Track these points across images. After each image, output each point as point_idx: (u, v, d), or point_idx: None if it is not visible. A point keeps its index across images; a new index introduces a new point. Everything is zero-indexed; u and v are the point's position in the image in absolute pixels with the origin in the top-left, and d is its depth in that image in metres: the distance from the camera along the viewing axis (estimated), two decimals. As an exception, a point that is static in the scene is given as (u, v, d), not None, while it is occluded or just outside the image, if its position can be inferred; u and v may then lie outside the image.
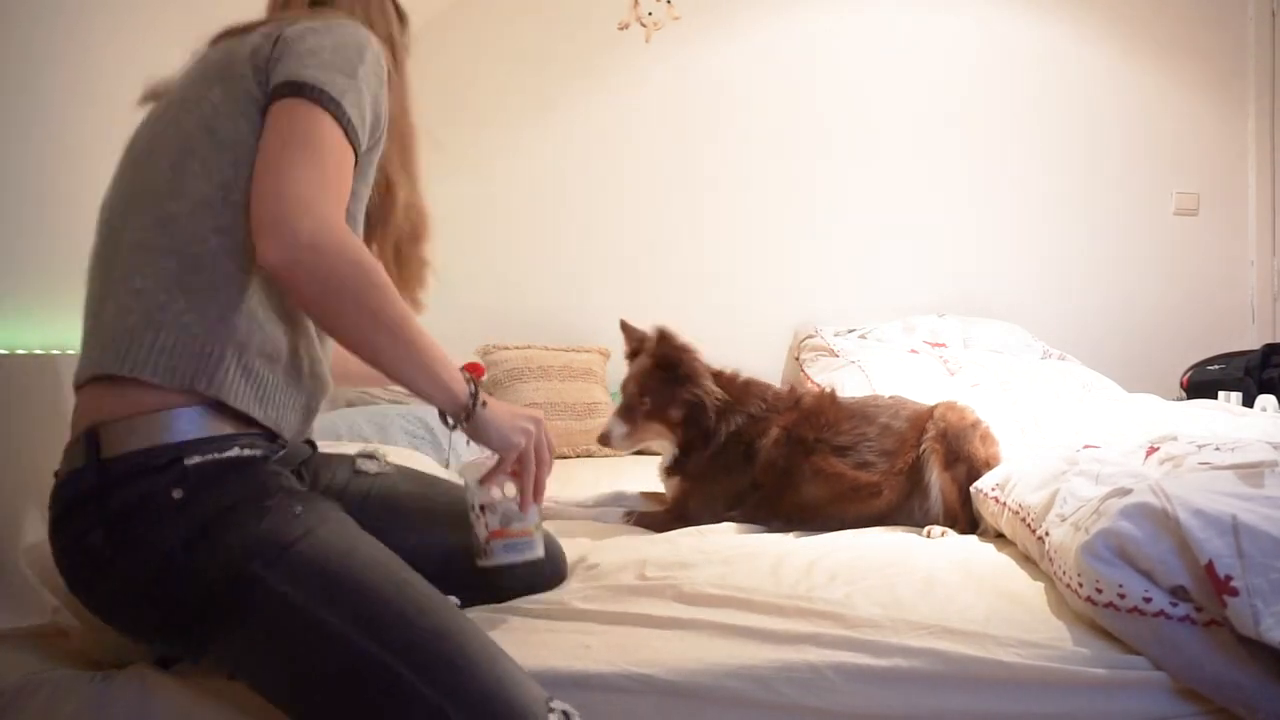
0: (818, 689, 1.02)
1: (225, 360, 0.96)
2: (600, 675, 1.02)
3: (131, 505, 0.92)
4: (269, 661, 0.93)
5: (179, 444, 0.94)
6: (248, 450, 0.98)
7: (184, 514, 0.92)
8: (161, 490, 0.92)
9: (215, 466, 0.95)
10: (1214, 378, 3.07)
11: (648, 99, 3.35)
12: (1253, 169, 3.51)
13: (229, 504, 0.94)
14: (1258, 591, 1.00)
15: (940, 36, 3.46)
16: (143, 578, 0.93)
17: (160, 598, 0.93)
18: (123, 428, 0.94)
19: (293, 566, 0.92)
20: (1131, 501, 1.13)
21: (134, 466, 0.93)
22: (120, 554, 0.92)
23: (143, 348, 0.94)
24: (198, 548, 0.92)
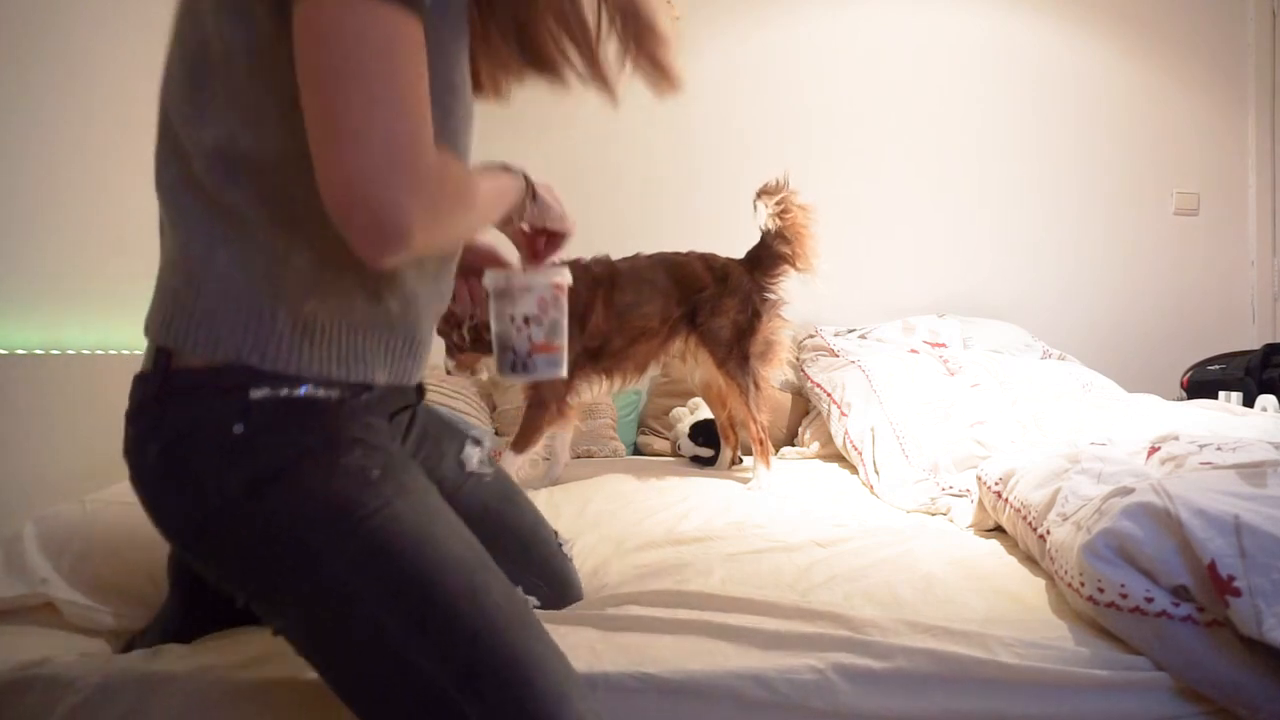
0: (820, 690, 1.02)
1: (278, 323, 0.83)
2: (606, 676, 1.03)
3: (187, 428, 0.83)
4: (310, 644, 0.85)
5: (246, 368, 0.82)
6: (322, 391, 0.85)
7: (242, 454, 0.81)
8: (221, 420, 0.82)
9: (283, 406, 0.83)
10: (1214, 378, 3.07)
11: (647, 99, 3.34)
12: (1253, 169, 3.51)
13: (295, 453, 0.83)
14: (1260, 592, 1.00)
15: (940, 37, 3.46)
16: (189, 511, 0.84)
17: (205, 536, 0.84)
18: (215, 331, 0.83)
19: (357, 547, 0.81)
20: (1133, 501, 1.13)
21: (195, 383, 0.83)
22: (171, 479, 0.84)
23: (184, 313, 0.84)
24: (252, 498, 0.81)
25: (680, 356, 2.26)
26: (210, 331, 0.83)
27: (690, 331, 2.20)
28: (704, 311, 2.18)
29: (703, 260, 2.27)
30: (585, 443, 2.84)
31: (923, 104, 3.44)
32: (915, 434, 2.16)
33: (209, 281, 0.83)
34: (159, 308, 0.87)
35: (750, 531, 1.67)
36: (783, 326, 2.29)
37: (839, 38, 3.43)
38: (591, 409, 2.94)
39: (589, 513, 1.84)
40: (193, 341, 0.83)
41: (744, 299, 2.21)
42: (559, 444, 2.27)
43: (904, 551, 1.51)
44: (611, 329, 2.11)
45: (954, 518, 1.81)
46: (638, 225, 3.24)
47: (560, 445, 2.27)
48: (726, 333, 2.18)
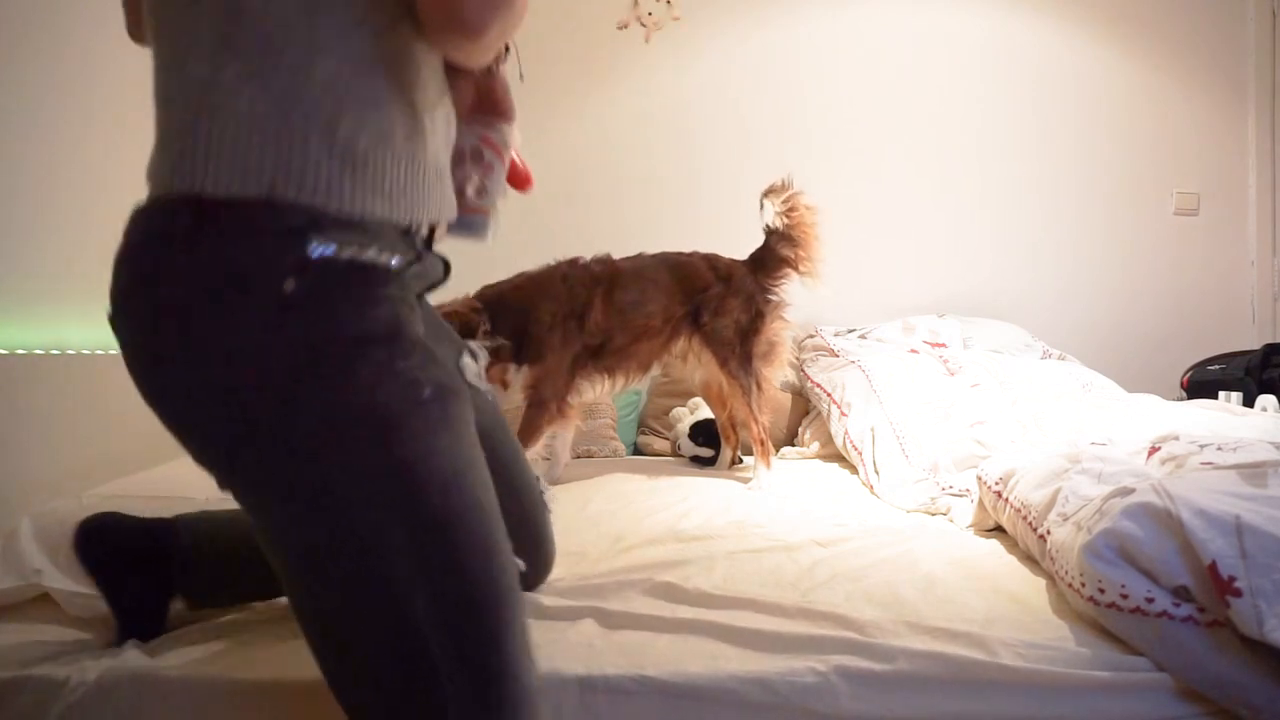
0: (821, 693, 1.02)
1: (310, 148, 0.72)
2: (606, 678, 1.03)
3: (225, 275, 0.70)
4: (298, 552, 0.75)
5: (309, 207, 0.71)
6: (386, 254, 0.76)
7: (290, 320, 0.71)
8: (271, 271, 0.70)
9: (348, 270, 0.73)
10: (1214, 378, 3.07)
11: (647, 99, 3.34)
12: (1253, 169, 3.51)
13: (354, 335, 0.73)
14: (1261, 592, 1.00)
15: (940, 37, 3.46)
16: (203, 378, 0.72)
17: (210, 407, 0.73)
18: (238, 162, 0.70)
19: (387, 477, 0.73)
20: (1134, 501, 1.13)
21: (242, 217, 0.71)
22: (195, 335, 0.71)
23: (198, 148, 0.71)
24: (289, 376, 0.71)
25: (682, 356, 2.26)
26: (234, 161, 0.71)
27: (693, 331, 2.20)
28: (707, 311, 2.18)
29: (706, 260, 2.27)
30: (585, 443, 2.84)
31: (923, 104, 3.44)
32: (915, 434, 2.16)
33: (222, 108, 0.71)
34: (163, 153, 0.75)
35: (750, 531, 1.67)
36: (785, 328, 2.29)
37: (839, 38, 3.43)
38: (591, 409, 2.94)
39: (589, 512, 1.84)
40: (214, 177, 0.71)
41: (747, 299, 2.21)
42: (559, 444, 2.27)
43: (904, 551, 1.51)
44: (613, 327, 2.10)
45: (954, 518, 1.81)
46: (638, 225, 3.24)
47: (561, 445, 2.28)
48: (729, 333, 2.18)
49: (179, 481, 1.43)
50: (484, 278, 2.04)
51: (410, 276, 0.83)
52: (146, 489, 1.55)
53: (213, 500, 1.33)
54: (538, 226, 3.25)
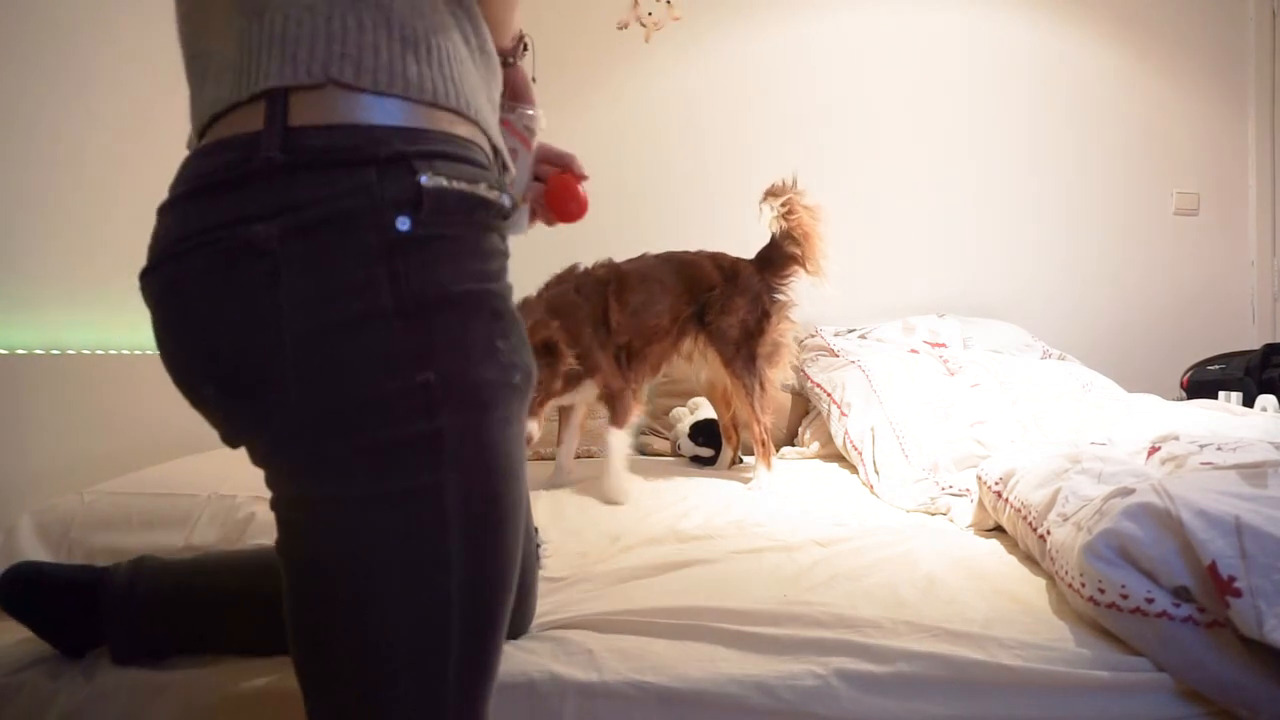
0: (821, 696, 1.02)
1: (365, 27, 0.67)
2: (605, 684, 1.02)
3: (339, 214, 0.63)
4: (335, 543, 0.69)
5: (411, 132, 0.65)
6: (495, 191, 0.69)
7: (399, 264, 0.63)
8: (380, 205, 0.63)
9: (466, 202, 0.66)
10: (1214, 378, 3.07)
11: (647, 99, 3.34)
12: (1253, 169, 3.51)
13: (457, 289, 0.66)
14: (1261, 592, 1.00)
15: (940, 36, 3.46)
16: (307, 327, 0.64)
17: (295, 374, 0.64)
18: (324, 96, 0.64)
19: (467, 454, 0.68)
20: (1134, 501, 1.13)
21: (341, 148, 0.64)
22: (291, 286, 0.63)
23: (260, 36, 0.66)
24: (391, 330, 0.64)
25: (687, 356, 2.25)
26: (293, 46, 0.65)
27: (699, 330, 2.19)
28: (713, 310, 2.17)
29: (712, 259, 2.26)
30: (585, 443, 2.83)
31: (923, 104, 3.44)
32: (915, 434, 2.16)
33: (270, 5, 0.67)
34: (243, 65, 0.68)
35: (750, 531, 1.67)
36: (791, 329, 2.27)
37: (839, 38, 3.43)
38: (591, 409, 2.94)
39: (589, 512, 1.83)
40: (263, 65, 0.65)
41: (754, 299, 2.19)
42: (563, 452, 2.27)
43: (904, 551, 1.51)
44: (627, 329, 2.10)
45: (954, 517, 1.81)
46: (639, 226, 3.23)
47: (565, 454, 2.27)
48: (735, 332, 2.17)
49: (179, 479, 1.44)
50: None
51: (509, 228, 0.75)
52: (147, 486, 1.55)
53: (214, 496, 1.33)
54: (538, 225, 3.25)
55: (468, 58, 0.73)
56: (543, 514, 1.80)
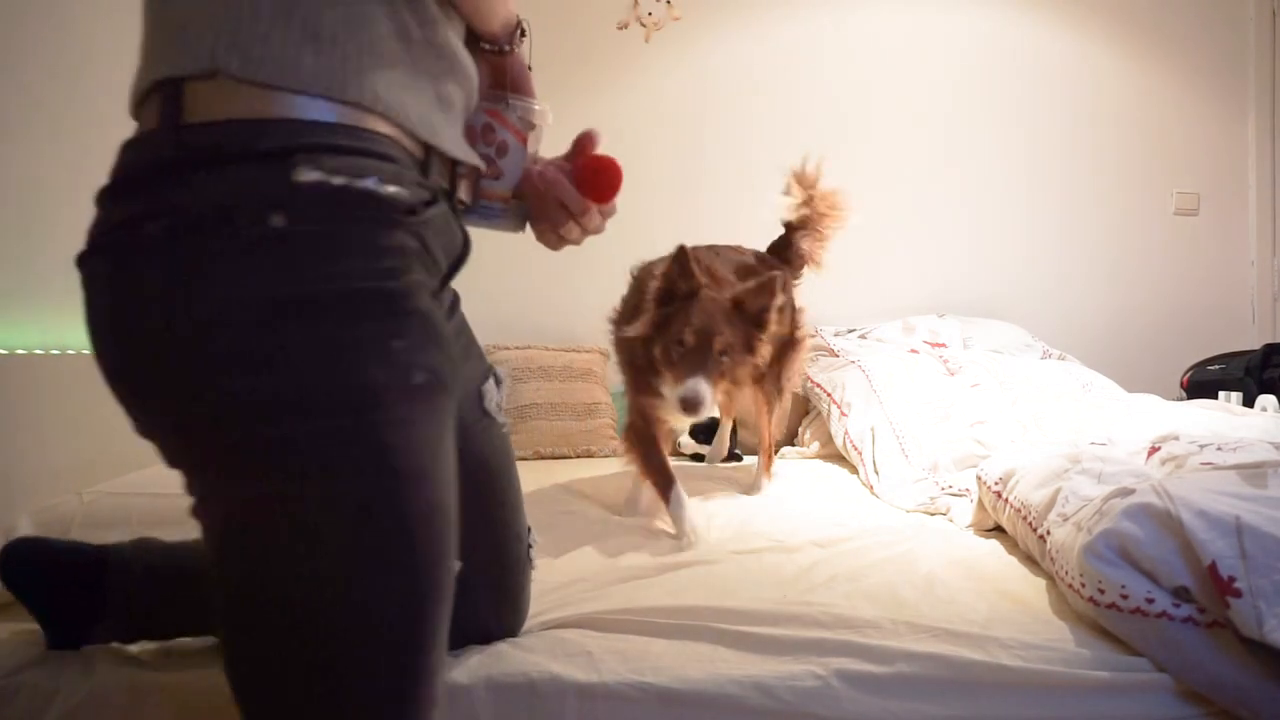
0: (821, 696, 1.02)
1: (261, 16, 0.64)
2: (605, 685, 1.02)
3: (213, 210, 0.63)
4: (236, 529, 0.68)
5: (281, 123, 0.64)
6: (389, 185, 0.66)
7: (279, 259, 0.62)
8: (255, 202, 0.62)
9: (336, 198, 0.64)
10: (1214, 378, 3.07)
11: (647, 99, 3.34)
12: (1253, 169, 3.51)
13: (341, 287, 0.64)
14: (1261, 593, 1.00)
15: (940, 36, 3.45)
16: (187, 327, 0.63)
17: (173, 359, 0.65)
18: (218, 88, 0.63)
19: (361, 448, 0.65)
20: (1134, 502, 1.13)
21: (225, 143, 0.63)
22: (169, 275, 0.63)
23: (162, 31, 0.66)
24: (268, 330, 0.62)
25: None
26: (186, 37, 0.64)
27: None
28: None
29: (764, 263, 2.08)
30: (585, 442, 2.84)
31: (922, 103, 3.44)
32: (915, 434, 2.15)
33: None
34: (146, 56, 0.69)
35: (750, 531, 1.67)
36: (811, 339, 2.15)
37: (839, 38, 3.43)
38: (591, 409, 2.94)
39: (589, 513, 1.83)
40: (162, 53, 0.65)
41: (788, 305, 2.00)
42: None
43: (904, 552, 1.51)
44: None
45: (954, 517, 1.81)
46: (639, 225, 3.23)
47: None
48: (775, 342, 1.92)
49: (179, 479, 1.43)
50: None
51: (428, 225, 0.72)
52: (147, 487, 1.55)
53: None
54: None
55: (397, 51, 0.70)
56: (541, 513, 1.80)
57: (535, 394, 2.90)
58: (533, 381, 2.94)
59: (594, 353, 3.15)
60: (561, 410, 2.89)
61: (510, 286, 3.20)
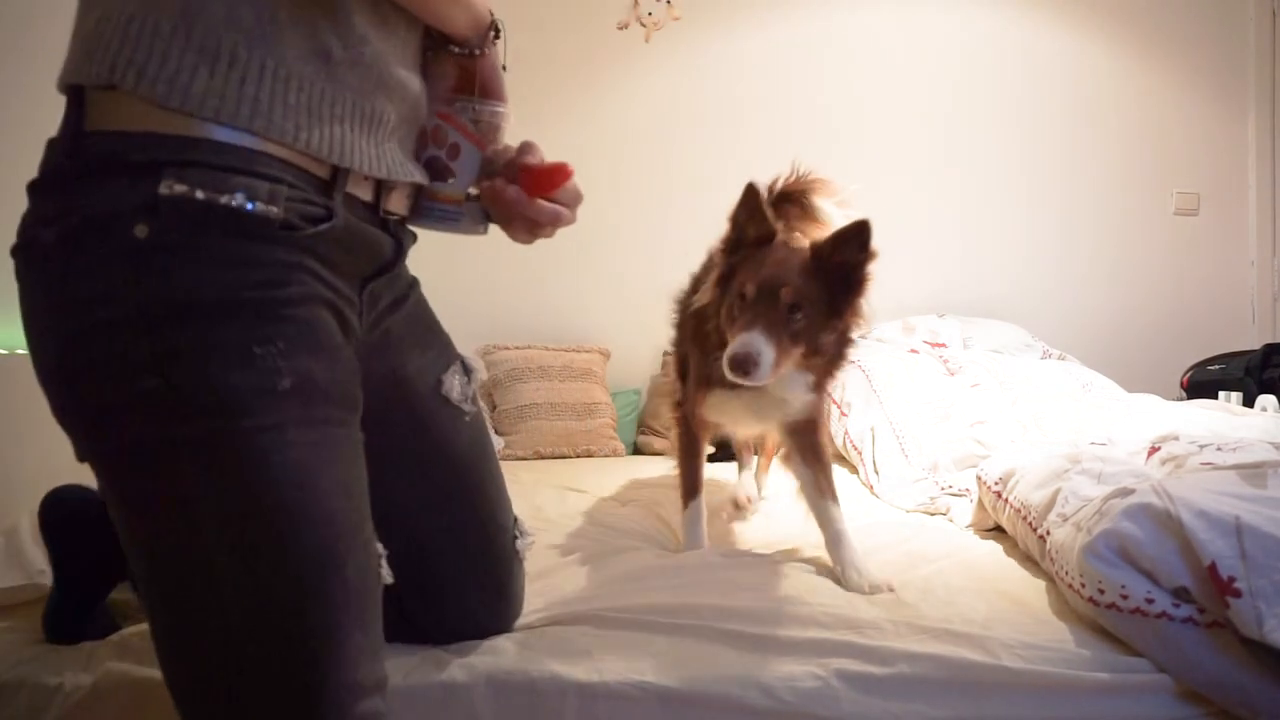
0: (822, 697, 1.02)
1: (161, 29, 0.65)
2: (606, 685, 1.02)
3: (91, 219, 0.65)
4: (133, 531, 0.72)
5: (165, 138, 0.65)
6: (257, 203, 0.67)
7: (145, 268, 0.64)
8: (125, 212, 0.65)
9: (200, 213, 0.65)
10: (1214, 378, 3.07)
11: (647, 99, 3.34)
12: (1253, 169, 3.51)
13: (212, 297, 0.66)
14: (1261, 593, 1.00)
15: (940, 36, 3.45)
16: (66, 325, 0.68)
17: (71, 368, 0.69)
18: (115, 100, 0.66)
19: (223, 454, 0.67)
20: (1134, 502, 1.13)
21: (108, 155, 0.66)
22: (57, 277, 0.67)
23: (75, 40, 0.70)
24: (133, 335, 0.65)
25: None
26: (92, 46, 0.66)
27: None
28: None
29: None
30: (585, 442, 2.84)
31: (922, 103, 3.44)
32: (915, 434, 2.15)
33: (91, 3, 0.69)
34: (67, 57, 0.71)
35: (750, 531, 1.67)
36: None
37: (838, 38, 3.43)
38: (591, 408, 2.94)
39: (589, 512, 1.83)
40: (67, 66, 0.69)
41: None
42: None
43: (904, 552, 1.51)
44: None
45: (954, 518, 1.81)
46: (637, 226, 3.24)
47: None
48: None
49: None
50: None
51: (318, 240, 0.72)
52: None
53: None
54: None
55: (309, 72, 0.71)
56: (541, 511, 1.81)
57: (535, 394, 2.90)
58: (532, 381, 2.94)
59: (594, 353, 3.16)
60: (561, 410, 2.89)
61: (510, 286, 3.20)
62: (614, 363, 3.22)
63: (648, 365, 3.34)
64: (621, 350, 3.26)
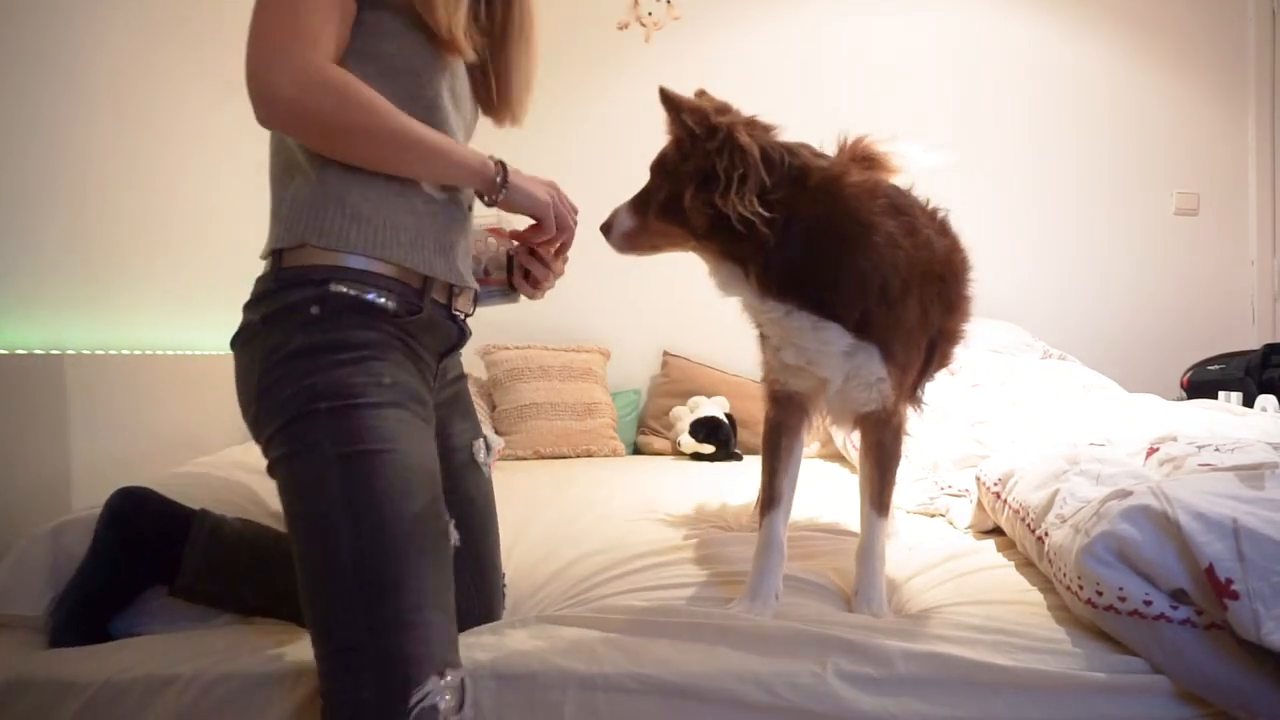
0: (819, 694, 1.02)
1: (329, 212, 1.07)
2: (605, 676, 1.03)
3: (286, 306, 1.06)
4: (281, 485, 1.05)
5: (332, 268, 1.06)
6: (382, 298, 1.08)
7: (316, 326, 1.05)
8: (306, 300, 1.05)
9: (350, 301, 1.06)
10: (1214, 378, 3.07)
11: (647, 99, 3.34)
12: (1253, 169, 3.51)
13: (350, 342, 1.06)
14: (1258, 595, 1.00)
15: (940, 37, 3.46)
16: (260, 371, 1.05)
17: (260, 393, 1.05)
18: (303, 252, 1.07)
19: (345, 422, 1.02)
20: (1132, 504, 1.13)
21: (297, 276, 1.07)
22: (263, 343, 1.06)
23: (277, 223, 1.10)
24: (306, 358, 1.04)
25: None
26: (289, 227, 1.08)
27: None
28: None
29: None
30: (585, 442, 2.84)
31: (922, 103, 3.44)
32: (915, 433, 2.15)
33: (285, 200, 1.10)
34: (269, 233, 1.12)
35: (750, 531, 1.67)
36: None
37: (838, 38, 3.43)
38: (591, 408, 2.95)
39: (588, 512, 1.84)
40: (276, 236, 1.09)
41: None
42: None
43: (905, 551, 1.51)
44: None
45: (953, 519, 1.81)
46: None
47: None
48: None
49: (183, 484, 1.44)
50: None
51: (413, 324, 1.12)
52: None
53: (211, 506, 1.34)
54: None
55: (409, 223, 1.12)
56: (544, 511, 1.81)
57: (535, 394, 2.90)
58: (532, 381, 2.94)
59: (594, 353, 3.16)
60: (561, 410, 2.89)
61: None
62: (614, 363, 3.23)
63: (648, 365, 3.35)
64: (621, 350, 3.26)
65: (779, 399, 1.39)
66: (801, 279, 1.24)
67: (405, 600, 0.97)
